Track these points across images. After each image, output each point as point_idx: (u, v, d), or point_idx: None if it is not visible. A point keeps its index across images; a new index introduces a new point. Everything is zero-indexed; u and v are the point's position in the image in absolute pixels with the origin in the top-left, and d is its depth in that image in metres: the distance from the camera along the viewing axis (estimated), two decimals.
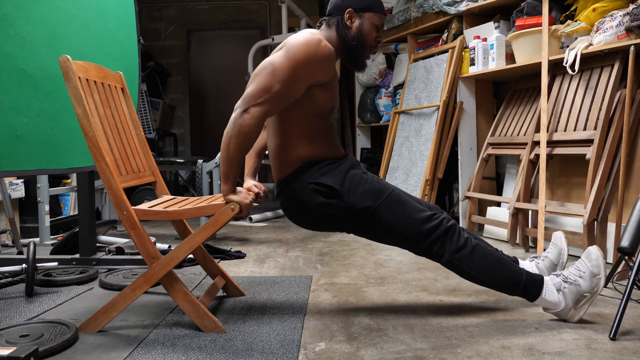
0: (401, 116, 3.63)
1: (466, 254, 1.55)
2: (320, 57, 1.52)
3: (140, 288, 1.53)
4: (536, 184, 2.71)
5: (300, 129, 1.61)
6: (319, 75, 1.55)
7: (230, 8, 5.68)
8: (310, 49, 1.50)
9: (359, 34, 1.63)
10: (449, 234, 1.55)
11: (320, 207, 1.57)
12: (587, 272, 1.53)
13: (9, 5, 1.81)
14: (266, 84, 1.47)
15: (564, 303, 1.55)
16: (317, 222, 1.64)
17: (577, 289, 1.53)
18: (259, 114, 1.46)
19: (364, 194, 1.56)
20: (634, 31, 2.20)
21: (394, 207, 1.56)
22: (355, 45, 1.64)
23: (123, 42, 2.50)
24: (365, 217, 1.56)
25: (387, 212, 1.56)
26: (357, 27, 1.63)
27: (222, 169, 1.51)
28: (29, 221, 3.32)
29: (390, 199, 1.57)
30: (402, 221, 1.55)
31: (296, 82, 1.51)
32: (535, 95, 2.94)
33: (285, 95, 1.50)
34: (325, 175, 1.58)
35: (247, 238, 3.19)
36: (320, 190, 1.56)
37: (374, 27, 1.65)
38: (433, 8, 3.43)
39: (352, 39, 1.63)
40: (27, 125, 1.89)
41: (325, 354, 1.37)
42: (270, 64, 1.50)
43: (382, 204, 1.56)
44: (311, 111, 1.59)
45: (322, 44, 1.52)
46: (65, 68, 1.50)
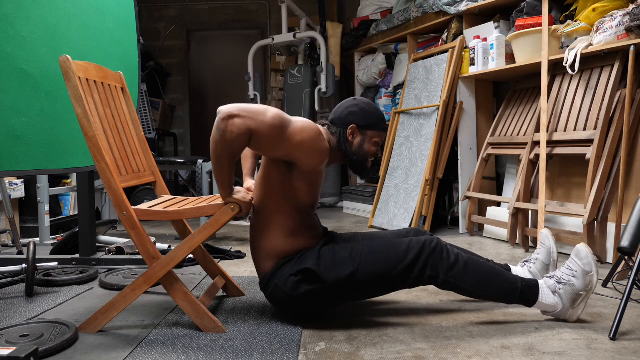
0: (401, 116, 3.63)
1: (460, 270, 1.54)
2: (314, 144, 1.51)
3: (140, 288, 1.53)
4: (536, 184, 2.71)
5: (282, 222, 1.59)
6: (304, 156, 1.52)
7: (230, 8, 5.68)
8: (308, 130, 1.50)
9: (360, 150, 1.65)
10: (435, 253, 1.54)
11: (308, 295, 1.55)
12: (579, 270, 1.53)
13: (9, 5, 1.81)
14: (257, 109, 1.45)
15: (561, 304, 1.55)
16: (307, 309, 1.63)
17: (572, 288, 1.53)
18: (242, 126, 1.41)
19: (340, 264, 1.54)
20: (634, 31, 2.20)
21: (372, 260, 1.55)
22: (356, 160, 1.66)
23: (123, 42, 2.50)
24: (352, 284, 1.54)
25: (369, 269, 1.54)
26: (358, 144, 1.65)
27: (215, 174, 1.49)
28: (29, 221, 3.32)
29: (365, 255, 1.56)
30: (385, 267, 1.54)
31: (282, 137, 1.46)
32: (535, 95, 2.94)
33: (270, 133, 1.45)
34: (302, 262, 1.56)
35: (247, 238, 3.19)
36: (301, 279, 1.55)
37: (374, 143, 1.67)
38: (433, 8, 3.43)
39: (352, 154, 1.65)
40: (27, 125, 1.89)
41: (325, 354, 1.37)
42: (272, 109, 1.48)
43: (360, 265, 1.54)
44: (293, 204, 1.58)
45: (321, 137, 1.53)
46: (65, 68, 1.50)
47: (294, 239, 1.60)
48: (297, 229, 1.61)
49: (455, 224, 3.38)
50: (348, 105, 1.67)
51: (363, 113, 1.64)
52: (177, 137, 5.60)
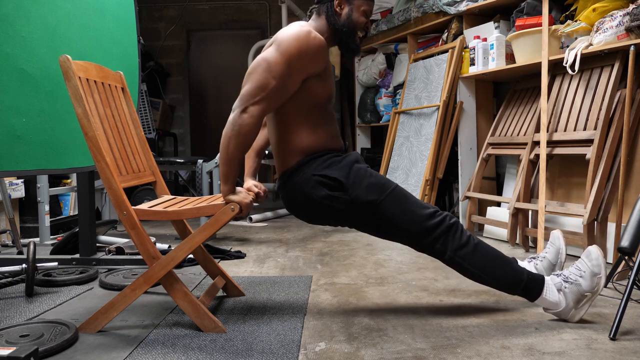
0: (401, 116, 3.63)
1: (469, 252, 1.55)
2: (312, 49, 1.52)
3: (140, 288, 1.53)
4: (536, 184, 2.71)
5: (300, 120, 1.61)
6: (312, 66, 1.55)
7: (230, 8, 5.68)
8: (301, 41, 1.51)
9: (349, 20, 1.65)
10: (451, 231, 1.55)
11: (324, 199, 1.56)
12: (587, 271, 1.53)
13: (9, 5, 1.81)
14: (262, 81, 1.48)
15: (564, 303, 1.55)
16: (319, 215, 1.64)
17: (578, 288, 1.53)
18: (258, 113, 1.47)
19: (369, 187, 1.56)
20: (634, 31, 2.20)
21: (399, 201, 1.56)
22: (346, 32, 1.65)
23: (123, 42, 2.50)
24: (370, 211, 1.56)
25: (392, 207, 1.55)
26: (346, 14, 1.65)
27: (222, 170, 1.51)
28: (29, 221, 3.32)
29: (395, 193, 1.57)
30: (406, 216, 1.55)
31: (291, 76, 1.51)
32: (535, 95, 2.94)
33: (282, 90, 1.51)
34: (330, 167, 1.58)
35: (247, 238, 3.19)
36: (325, 183, 1.56)
37: (362, 13, 1.66)
38: (433, 8, 3.43)
39: (341, 25, 1.65)
40: (27, 125, 1.89)
41: (325, 354, 1.37)
42: (264, 61, 1.50)
43: (386, 198, 1.55)
44: (309, 102, 1.60)
45: (312, 35, 1.53)
46: (65, 68, 1.50)
47: (317, 134, 1.62)
48: (318, 124, 1.63)
49: None
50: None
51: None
52: (177, 137, 5.60)
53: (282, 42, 1.51)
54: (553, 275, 1.59)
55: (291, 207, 1.67)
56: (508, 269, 1.57)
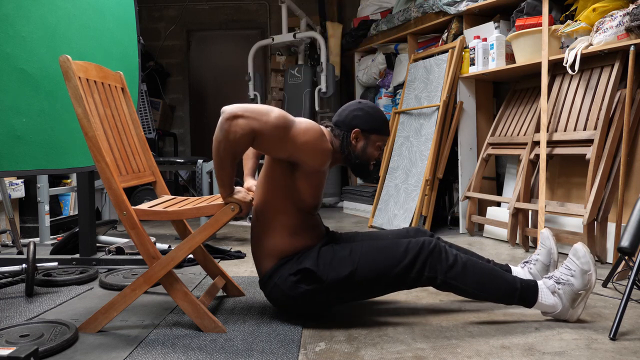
0: (401, 116, 3.63)
1: (459, 271, 1.53)
2: (317, 145, 1.51)
3: (140, 288, 1.53)
4: (536, 184, 2.71)
5: (284, 222, 1.59)
6: (308, 156, 1.52)
7: (230, 8, 5.68)
8: (311, 131, 1.50)
9: (363, 153, 1.65)
10: (434, 254, 1.53)
11: (305, 295, 1.55)
12: (577, 270, 1.53)
13: (9, 5, 1.81)
14: (261, 109, 1.45)
15: (560, 304, 1.55)
16: (306, 309, 1.63)
17: (571, 288, 1.53)
18: (245, 126, 1.42)
19: (339, 264, 1.55)
20: (634, 31, 2.20)
21: (371, 259, 1.55)
22: (359, 164, 1.67)
23: (123, 42, 2.50)
24: (351, 284, 1.55)
25: (368, 268, 1.54)
26: (361, 148, 1.65)
27: (216, 173, 1.50)
28: (29, 221, 3.32)
29: (364, 255, 1.56)
30: (384, 267, 1.54)
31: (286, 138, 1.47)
32: (535, 95, 2.94)
33: (273, 134, 1.45)
34: (301, 262, 1.57)
35: (247, 238, 3.19)
36: (300, 279, 1.55)
37: (377, 147, 1.67)
38: (433, 8, 3.43)
39: (355, 157, 1.65)
40: (27, 125, 1.89)
41: (325, 354, 1.37)
42: (274, 107, 1.49)
43: (359, 264, 1.54)
44: (296, 205, 1.58)
45: (324, 138, 1.53)
46: (65, 68, 1.50)
47: (295, 238, 1.60)
48: (299, 229, 1.61)
49: (455, 224, 3.37)
50: (353, 109, 1.66)
51: (367, 117, 1.64)
52: (177, 137, 5.61)
53: (297, 120, 1.51)
54: (545, 278, 1.59)
55: (280, 307, 1.66)
56: (501, 282, 1.56)
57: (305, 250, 1.60)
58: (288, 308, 1.64)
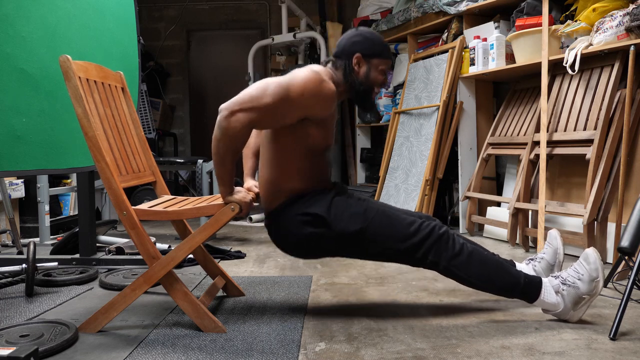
0: (401, 116, 3.63)
1: (463, 261, 1.54)
2: (319, 94, 1.51)
3: (140, 288, 1.53)
4: (536, 184, 2.71)
5: (296, 164, 1.60)
6: (314, 109, 1.53)
7: (230, 8, 5.68)
8: (308, 83, 1.49)
9: (366, 79, 1.64)
10: (441, 241, 1.54)
11: (311, 238, 1.56)
12: (585, 274, 1.53)
13: (9, 5, 1.81)
14: (256, 93, 1.46)
15: (562, 305, 1.55)
16: (308, 252, 1.64)
17: (576, 291, 1.53)
18: (245, 120, 1.44)
19: (351, 217, 1.56)
20: (634, 31, 2.20)
21: (383, 224, 1.56)
22: (363, 90, 1.65)
23: (123, 42, 2.50)
24: (357, 240, 1.56)
25: (377, 231, 1.55)
26: (364, 73, 1.64)
27: (216, 172, 1.51)
28: (29, 221, 3.32)
29: (378, 217, 1.57)
30: (393, 237, 1.55)
31: (288, 105, 1.48)
32: (535, 95, 2.94)
33: (275, 111, 1.47)
34: (312, 205, 1.57)
35: (247, 238, 3.19)
36: (309, 221, 1.56)
37: (381, 71, 1.65)
38: (433, 8, 3.43)
39: (359, 84, 1.64)
40: (27, 125, 1.89)
41: (325, 354, 1.37)
42: (266, 82, 1.49)
43: (371, 224, 1.55)
44: (307, 147, 1.59)
45: (324, 83, 1.52)
46: (65, 68, 1.50)
47: (306, 179, 1.61)
48: (310, 170, 1.61)
49: (455, 224, 3.37)
50: (351, 36, 1.65)
51: (367, 42, 1.63)
52: (177, 137, 5.60)
53: (292, 78, 1.50)
54: (551, 277, 1.59)
55: (282, 247, 1.67)
56: (504, 274, 1.57)
57: (315, 194, 1.60)
58: (289, 248, 1.64)
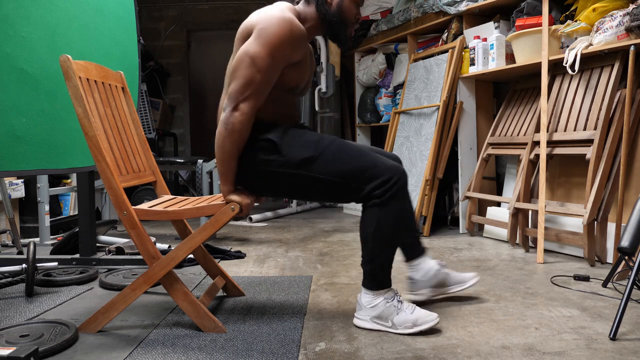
0: (401, 116, 3.63)
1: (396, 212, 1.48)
2: (295, 39, 1.49)
3: (140, 288, 1.53)
4: (536, 184, 2.71)
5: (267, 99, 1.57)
6: (293, 56, 1.52)
7: (230, 8, 5.68)
8: (283, 31, 1.46)
9: (339, 10, 1.60)
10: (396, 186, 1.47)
11: (260, 165, 1.53)
12: (414, 316, 1.52)
13: (9, 5, 1.81)
14: (248, 77, 1.45)
15: (373, 308, 1.54)
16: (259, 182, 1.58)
17: (392, 312, 1.53)
18: (248, 109, 1.45)
19: (304, 145, 1.51)
20: (634, 31, 2.20)
21: (337, 155, 1.50)
22: (337, 22, 1.61)
23: (123, 42, 2.50)
24: (306, 170, 1.50)
25: (331, 161, 1.49)
26: (337, 3, 1.60)
27: (220, 169, 1.51)
28: (29, 221, 3.32)
29: (334, 146, 1.51)
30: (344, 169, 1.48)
31: (275, 67, 1.48)
32: (535, 95, 2.94)
33: (268, 82, 1.49)
34: (267, 132, 1.54)
35: (247, 238, 3.19)
36: (262, 147, 1.52)
37: (354, 3, 1.62)
38: (433, 8, 3.43)
39: (332, 15, 1.60)
40: (27, 125, 1.89)
41: (325, 354, 1.37)
42: (247, 56, 1.46)
43: (324, 152, 1.50)
44: (278, 87, 1.56)
45: (295, 25, 1.49)
46: (65, 68, 1.50)
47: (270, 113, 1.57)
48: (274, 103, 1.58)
49: (455, 224, 3.37)
50: None
51: None
52: (177, 137, 5.60)
53: (263, 32, 1.46)
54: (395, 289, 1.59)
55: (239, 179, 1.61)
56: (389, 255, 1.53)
57: (274, 124, 1.57)
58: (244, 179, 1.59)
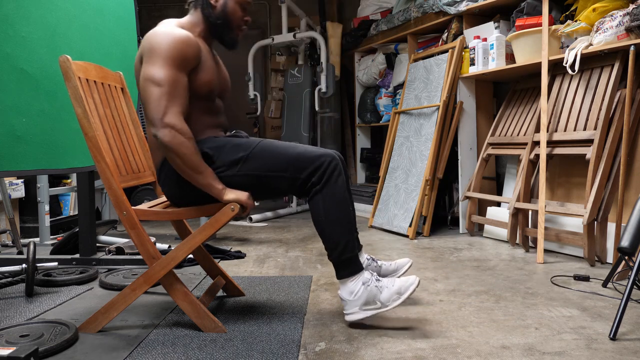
0: (401, 116, 3.63)
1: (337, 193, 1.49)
2: (178, 43, 1.49)
3: (140, 288, 1.53)
4: (536, 184, 2.71)
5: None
6: (188, 60, 1.51)
7: None
8: (166, 40, 1.47)
9: (224, 12, 1.62)
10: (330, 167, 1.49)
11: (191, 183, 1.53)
12: (395, 286, 1.51)
13: (9, 5, 1.81)
14: (154, 94, 1.45)
15: (357, 297, 1.52)
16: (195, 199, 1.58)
17: (376, 293, 1.51)
18: (172, 119, 1.44)
19: (233, 148, 1.52)
20: (634, 31, 2.20)
21: (268, 149, 1.51)
22: (221, 24, 1.62)
23: (123, 42, 2.50)
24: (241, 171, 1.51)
25: (261, 157, 1.50)
26: (221, 6, 1.62)
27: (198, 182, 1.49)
28: (29, 221, 3.32)
29: (263, 144, 1.52)
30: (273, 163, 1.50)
31: (175, 74, 1.48)
32: (535, 95, 2.94)
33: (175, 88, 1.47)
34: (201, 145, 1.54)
35: (247, 238, 3.19)
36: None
37: (238, 5, 1.63)
38: (433, 8, 3.43)
39: (216, 17, 1.62)
40: (27, 125, 1.89)
41: (325, 354, 1.37)
42: (145, 79, 1.47)
43: (254, 151, 1.51)
44: (193, 96, 1.55)
45: (176, 31, 1.50)
46: (65, 68, 1.50)
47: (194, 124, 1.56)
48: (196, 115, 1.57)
49: (455, 224, 3.37)
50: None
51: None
52: None
53: (150, 52, 1.48)
54: (370, 271, 1.58)
55: (172, 199, 1.63)
56: (347, 234, 1.52)
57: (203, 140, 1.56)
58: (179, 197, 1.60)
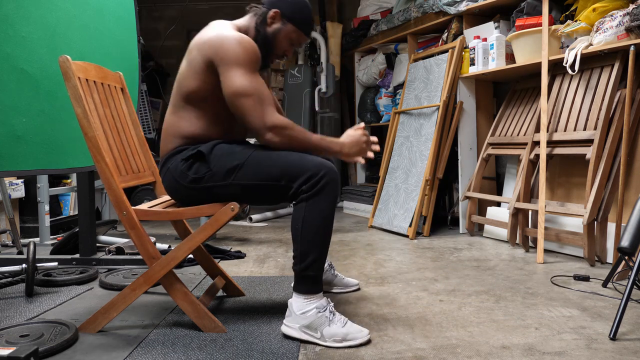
0: (401, 116, 3.63)
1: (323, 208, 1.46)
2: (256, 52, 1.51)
3: (140, 288, 1.53)
4: (536, 184, 2.71)
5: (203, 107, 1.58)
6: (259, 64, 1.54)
7: (230, 8, 5.68)
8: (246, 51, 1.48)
9: (272, 37, 1.61)
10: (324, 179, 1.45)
11: (191, 185, 1.53)
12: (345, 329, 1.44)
13: (9, 5, 1.81)
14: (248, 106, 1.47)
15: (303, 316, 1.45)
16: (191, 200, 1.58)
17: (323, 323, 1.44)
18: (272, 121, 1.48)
19: (229, 155, 1.52)
20: (634, 31, 2.20)
21: (262, 158, 1.50)
22: (263, 45, 1.60)
23: (123, 42, 2.50)
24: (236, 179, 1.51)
25: (255, 165, 1.49)
26: (273, 31, 1.61)
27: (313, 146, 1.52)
28: (29, 221, 3.32)
29: (257, 153, 1.52)
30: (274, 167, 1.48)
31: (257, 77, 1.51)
32: (535, 95, 2.94)
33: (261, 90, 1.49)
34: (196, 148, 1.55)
35: (247, 238, 3.19)
36: (189, 165, 1.53)
37: (289, 39, 1.63)
38: (433, 8, 3.43)
39: (262, 37, 1.61)
40: (27, 125, 1.89)
41: (325, 354, 1.37)
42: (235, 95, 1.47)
43: (249, 159, 1.50)
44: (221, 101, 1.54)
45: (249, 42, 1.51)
46: (64, 68, 1.50)
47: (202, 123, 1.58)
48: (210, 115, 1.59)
49: (455, 224, 3.37)
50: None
51: (294, 5, 1.61)
52: None
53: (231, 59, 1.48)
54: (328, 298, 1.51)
55: (169, 193, 1.64)
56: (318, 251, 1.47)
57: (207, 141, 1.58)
58: (177, 196, 1.61)
